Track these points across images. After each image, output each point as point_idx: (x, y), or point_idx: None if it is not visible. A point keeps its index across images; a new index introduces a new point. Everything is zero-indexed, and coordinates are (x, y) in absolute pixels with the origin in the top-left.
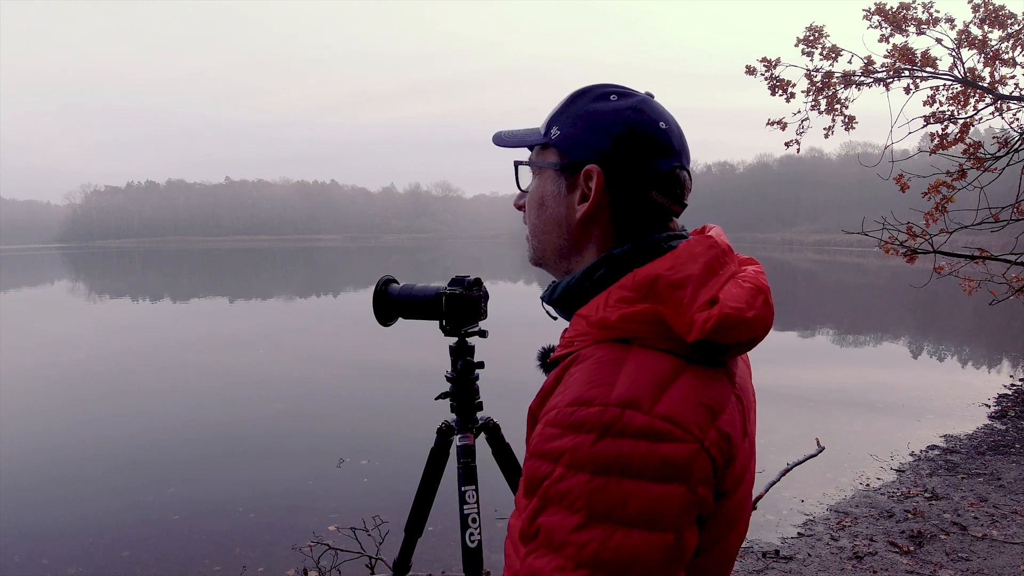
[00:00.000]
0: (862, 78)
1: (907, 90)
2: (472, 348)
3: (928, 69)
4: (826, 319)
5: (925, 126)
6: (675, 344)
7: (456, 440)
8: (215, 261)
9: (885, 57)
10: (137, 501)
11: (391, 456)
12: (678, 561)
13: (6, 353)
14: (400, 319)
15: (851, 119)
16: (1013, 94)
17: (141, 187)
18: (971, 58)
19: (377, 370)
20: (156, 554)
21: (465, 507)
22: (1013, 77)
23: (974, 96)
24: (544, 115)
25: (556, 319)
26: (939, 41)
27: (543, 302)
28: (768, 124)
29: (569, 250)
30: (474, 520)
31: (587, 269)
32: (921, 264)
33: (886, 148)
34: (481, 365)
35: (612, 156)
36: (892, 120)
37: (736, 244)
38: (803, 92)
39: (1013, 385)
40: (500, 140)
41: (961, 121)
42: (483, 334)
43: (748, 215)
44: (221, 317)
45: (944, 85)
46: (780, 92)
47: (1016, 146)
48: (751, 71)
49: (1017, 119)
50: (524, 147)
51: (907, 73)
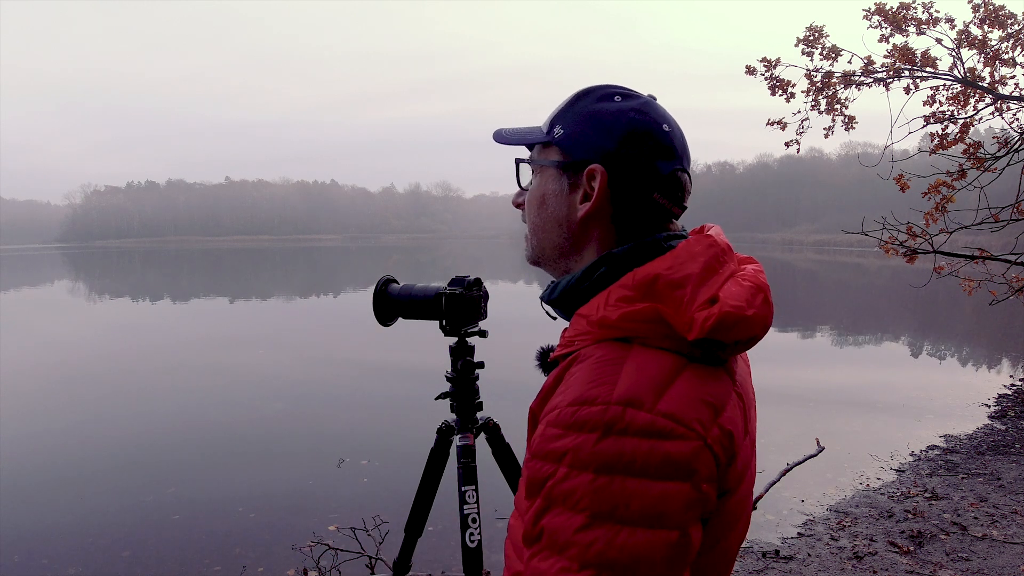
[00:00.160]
0: (862, 78)
1: (907, 90)
2: (472, 348)
3: (928, 69)
4: (826, 319)
5: (925, 126)
6: (676, 343)
7: (456, 440)
8: (215, 261)
9: (885, 57)
10: (137, 501)
11: (391, 456)
12: (683, 559)
13: (6, 353)
14: (400, 319)
15: (851, 119)
16: (1013, 94)
17: (141, 187)
18: (971, 58)
19: (377, 370)
20: (156, 554)
21: (465, 507)
22: (1013, 77)
23: (974, 96)
24: (544, 115)
25: (555, 319)
26: (939, 41)
27: (542, 302)
28: (768, 124)
29: (569, 249)
30: (474, 520)
31: (587, 268)
32: (921, 264)
33: (886, 148)
34: (481, 365)
35: (615, 156)
36: (892, 120)
37: (736, 244)
38: (803, 92)
39: (1013, 385)
40: (501, 137)
41: (961, 121)
42: (483, 334)
43: (748, 215)
44: (221, 317)
45: (944, 85)
46: (780, 92)
47: (1016, 146)
48: (751, 71)
49: (1017, 119)
50: (525, 145)
51: (907, 73)
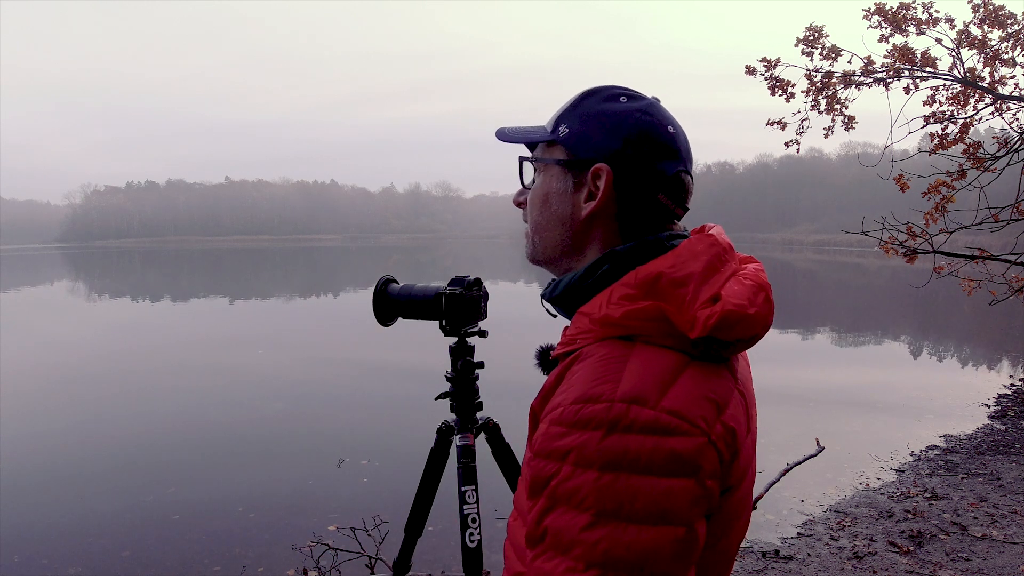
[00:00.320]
0: (862, 78)
1: (907, 90)
2: (472, 348)
3: (928, 69)
4: (826, 319)
5: (925, 126)
6: (678, 341)
7: (456, 440)
8: (215, 261)
9: (885, 57)
10: (137, 501)
11: (391, 456)
12: (690, 555)
13: (6, 353)
14: (400, 319)
15: (851, 119)
16: (1013, 94)
17: (141, 187)
18: (971, 58)
19: (377, 370)
20: (156, 554)
21: (465, 507)
22: (1013, 77)
23: (974, 96)
24: (544, 115)
25: (556, 317)
26: (939, 41)
27: (543, 299)
28: (768, 124)
29: (571, 248)
30: (474, 520)
31: (590, 265)
32: (921, 264)
33: (886, 148)
34: (481, 365)
35: (621, 156)
36: (892, 120)
37: (736, 244)
38: (803, 92)
39: (1013, 385)
40: (504, 135)
41: (961, 121)
42: (483, 334)
43: (748, 215)
44: (221, 317)
45: (944, 85)
46: (780, 92)
47: (1016, 146)
48: (751, 71)
49: (1017, 119)
50: (528, 143)
51: (907, 73)
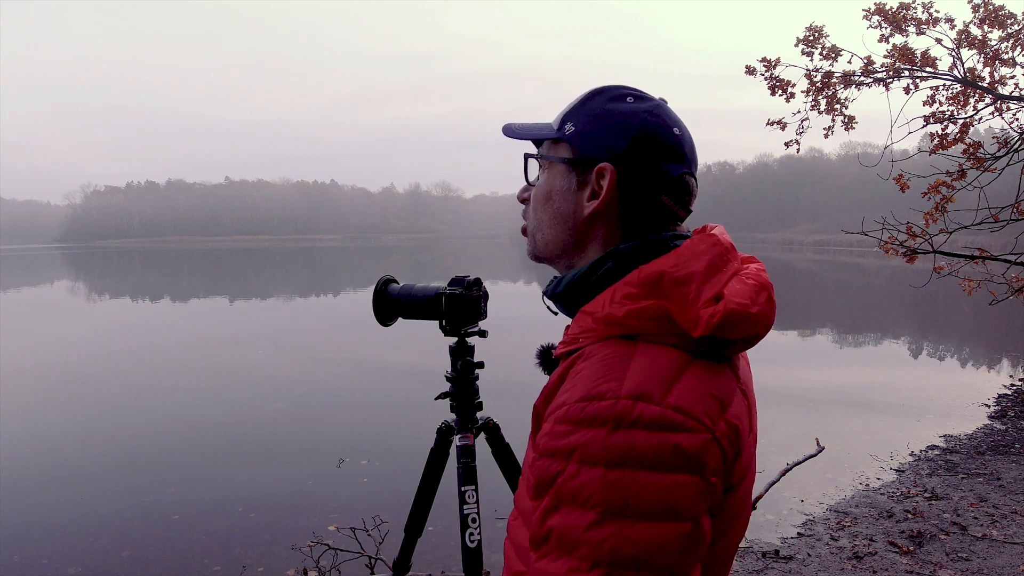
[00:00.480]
0: (862, 78)
1: (907, 90)
2: (472, 348)
3: (928, 69)
4: (826, 319)
5: (925, 126)
6: (681, 340)
7: (456, 440)
8: (215, 261)
9: (885, 57)
10: (137, 501)
11: (391, 456)
12: (696, 550)
13: (6, 353)
14: (400, 319)
15: (851, 119)
16: (1013, 94)
17: (141, 187)
18: (971, 58)
19: (377, 370)
20: (156, 554)
21: (465, 507)
22: (1013, 77)
23: (974, 96)
24: (544, 115)
25: (557, 314)
26: (939, 41)
27: (544, 296)
28: (768, 124)
29: (573, 246)
30: (474, 520)
31: (593, 263)
32: (921, 264)
33: (886, 148)
34: (481, 365)
35: (626, 156)
36: (892, 120)
37: (736, 244)
38: (803, 92)
39: (1013, 385)
40: (510, 131)
41: (961, 121)
42: (483, 334)
43: (748, 215)
44: (221, 317)
45: (944, 85)
46: (780, 92)
47: (1016, 146)
48: (751, 71)
49: (1017, 119)
50: (534, 140)
51: (907, 73)
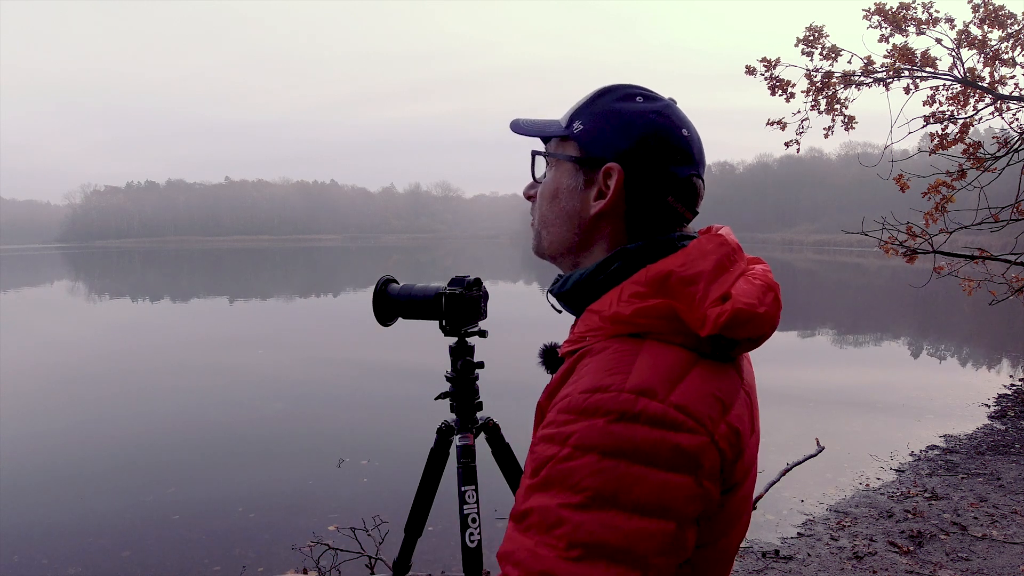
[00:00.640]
0: (862, 78)
1: (907, 90)
2: (472, 348)
3: (928, 69)
4: (826, 319)
5: (925, 126)
6: (688, 339)
7: (456, 440)
8: (215, 261)
9: (885, 57)
10: (137, 501)
11: (391, 456)
12: (675, 552)
13: (6, 353)
14: (400, 319)
15: (851, 119)
16: (1013, 94)
17: (141, 187)
18: (971, 58)
19: (377, 370)
20: (156, 554)
21: (465, 507)
22: (1013, 77)
23: (974, 96)
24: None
25: (561, 312)
26: (939, 41)
27: (550, 294)
28: (768, 124)
29: (578, 245)
30: (474, 520)
31: (601, 263)
32: (921, 264)
33: (886, 148)
34: (481, 365)
35: (633, 157)
36: (892, 120)
37: None
38: (803, 92)
39: (1013, 385)
40: (518, 127)
41: (961, 121)
42: (483, 334)
43: (748, 215)
44: (221, 317)
45: (944, 85)
46: (780, 92)
47: (1016, 146)
48: (751, 71)
49: (1017, 119)
50: (542, 137)
51: (907, 73)
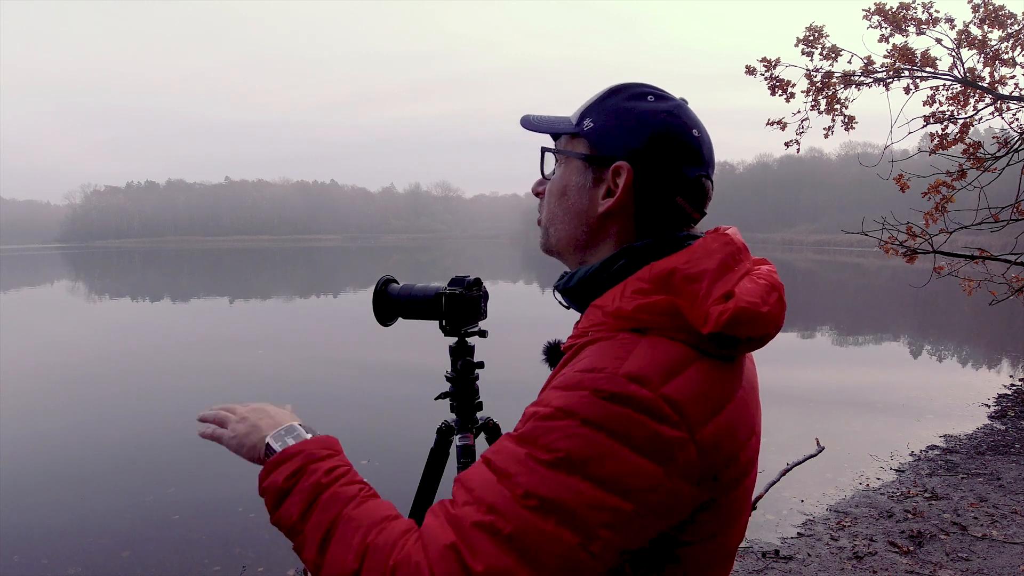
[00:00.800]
0: (862, 78)
1: (907, 90)
2: (472, 348)
3: (928, 69)
4: (826, 319)
5: (925, 126)
6: (689, 336)
7: (456, 440)
8: (215, 261)
9: (885, 57)
10: (137, 501)
11: (391, 456)
12: (625, 534)
13: (6, 353)
14: (400, 319)
15: (851, 119)
16: (1013, 94)
17: (141, 187)
18: (971, 58)
19: (377, 370)
20: (156, 554)
21: None
22: (1013, 77)
23: (974, 96)
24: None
25: (568, 308)
26: (939, 41)
27: (555, 290)
28: (768, 124)
29: (585, 242)
30: None
31: (607, 260)
32: (921, 264)
33: (886, 148)
34: (481, 365)
35: (643, 156)
36: (892, 120)
37: None
38: (803, 92)
39: (1013, 385)
40: (528, 123)
41: (961, 121)
42: (483, 334)
43: (748, 215)
44: (221, 317)
45: (944, 85)
46: (780, 92)
47: (1016, 146)
48: (751, 71)
49: (1017, 119)
50: (552, 133)
51: (907, 73)
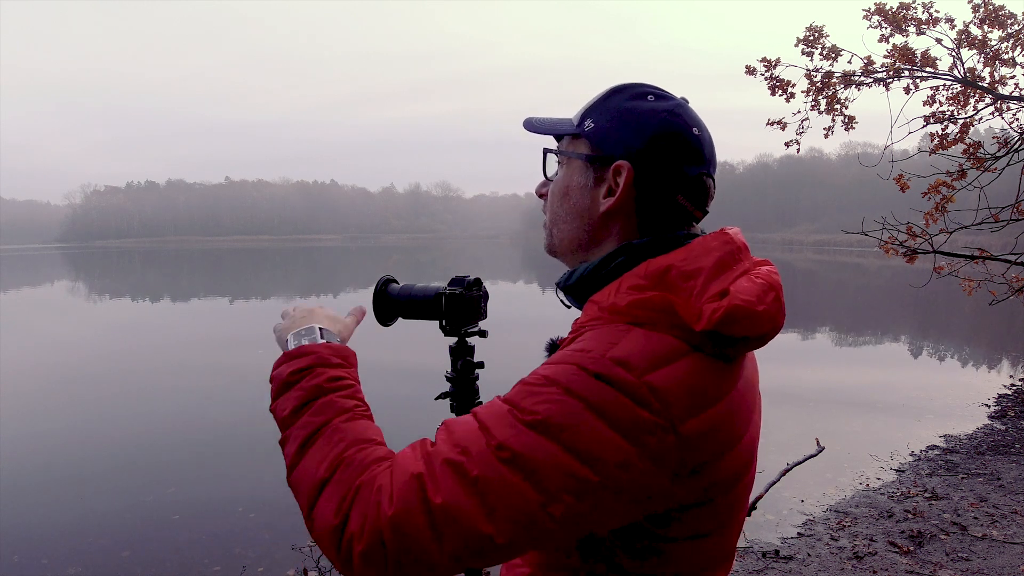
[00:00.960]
0: (862, 78)
1: (907, 90)
2: (472, 348)
3: (928, 69)
4: (826, 319)
5: (925, 126)
6: (684, 332)
7: None
8: (215, 261)
9: (885, 57)
10: (137, 501)
11: None
12: (587, 504)
13: (6, 353)
14: (400, 319)
15: (851, 119)
16: (1013, 94)
17: (141, 187)
18: (971, 58)
19: (377, 370)
20: (156, 554)
21: None
22: (1013, 77)
23: (974, 96)
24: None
25: (569, 307)
26: (939, 41)
27: (557, 288)
28: (768, 124)
29: (588, 242)
30: None
31: (605, 257)
32: (921, 264)
33: (886, 148)
34: (481, 365)
35: (644, 155)
36: (892, 120)
37: None
38: (803, 92)
39: (1013, 385)
40: (531, 125)
41: (961, 121)
42: (483, 334)
43: (748, 215)
44: (221, 317)
45: (944, 85)
46: (780, 92)
47: (1016, 146)
48: (751, 71)
49: (1017, 119)
50: (554, 135)
51: (907, 73)
